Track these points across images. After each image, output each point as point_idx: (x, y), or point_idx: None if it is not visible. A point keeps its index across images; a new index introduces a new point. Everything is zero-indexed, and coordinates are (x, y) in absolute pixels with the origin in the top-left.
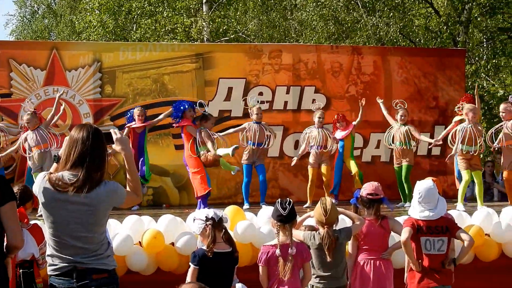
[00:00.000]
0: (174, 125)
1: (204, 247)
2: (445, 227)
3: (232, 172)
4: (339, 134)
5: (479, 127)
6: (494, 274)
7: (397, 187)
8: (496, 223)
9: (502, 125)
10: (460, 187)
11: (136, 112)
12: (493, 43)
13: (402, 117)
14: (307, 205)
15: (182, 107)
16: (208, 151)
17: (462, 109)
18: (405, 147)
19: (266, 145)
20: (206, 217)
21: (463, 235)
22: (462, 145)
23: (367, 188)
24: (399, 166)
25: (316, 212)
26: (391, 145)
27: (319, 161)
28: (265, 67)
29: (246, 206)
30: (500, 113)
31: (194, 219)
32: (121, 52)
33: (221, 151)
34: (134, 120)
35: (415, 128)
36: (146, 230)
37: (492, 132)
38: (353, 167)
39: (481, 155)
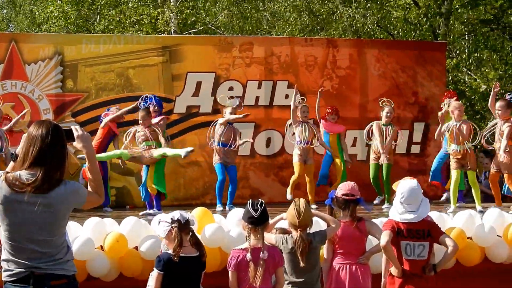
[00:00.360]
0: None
1: (170, 251)
2: (426, 231)
3: (181, 154)
4: (333, 127)
5: (470, 125)
6: (476, 278)
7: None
8: (479, 226)
9: (495, 125)
10: (451, 189)
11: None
12: (475, 35)
13: (388, 114)
14: (288, 196)
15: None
16: (150, 147)
17: (448, 105)
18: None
19: (234, 147)
20: (172, 219)
21: (447, 241)
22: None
23: (343, 189)
24: (375, 163)
25: (288, 214)
26: (367, 142)
27: (304, 157)
28: (236, 60)
29: (219, 207)
30: (496, 111)
31: (159, 222)
32: (83, 44)
33: (169, 151)
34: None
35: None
36: (108, 233)
37: (487, 133)
38: (339, 173)
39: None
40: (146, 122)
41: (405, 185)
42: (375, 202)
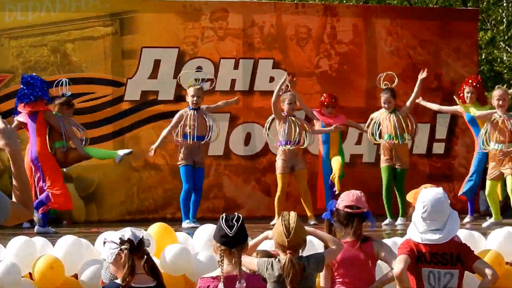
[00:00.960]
0: (22, 109)
1: (118, 281)
2: (455, 256)
3: (116, 158)
4: (330, 121)
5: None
6: None
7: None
8: None
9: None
10: (489, 197)
11: None
12: None
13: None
14: (274, 221)
15: (43, 85)
16: (70, 148)
17: (464, 95)
18: (396, 142)
19: (208, 139)
20: (120, 239)
21: (484, 268)
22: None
23: (346, 199)
24: (388, 165)
25: (275, 232)
26: (377, 140)
27: (291, 163)
28: (206, 32)
29: (187, 223)
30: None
31: (104, 242)
32: (7, 12)
33: (96, 153)
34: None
35: (409, 109)
36: (39, 257)
37: None
38: (336, 164)
39: None
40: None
41: (427, 195)
42: (384, 222)
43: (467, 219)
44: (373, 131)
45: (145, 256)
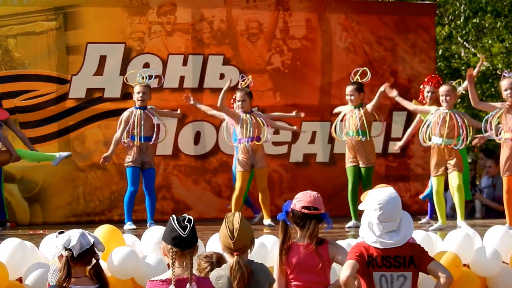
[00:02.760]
0: None
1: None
2: (408, 258)
3: (53, 162)
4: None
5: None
6: None
7: (342, 200)
8: (479, 250)
9: (501, 110)
10: (456, 198)
11: None
12: None
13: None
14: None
15: None
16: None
17: (424, 94)
18: (358, 139)
19: (156, 140)
20: (63, 244)
21: (438, 269)
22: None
23: (302, 199)
24: (353, 166)
25: (220, 235)
26: (339, 137)
27: (252, 160)
28: (153, 27)
29: (129, 225)
30: (505, 93)
31: (56, 236)
32: None
33: (30, 156)
34: None
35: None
36: None
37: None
38: None
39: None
40: None
41: (382, 195)
42: (348, 225)
43: (424, 220)
44: (335, 128)
45: (94, 262)
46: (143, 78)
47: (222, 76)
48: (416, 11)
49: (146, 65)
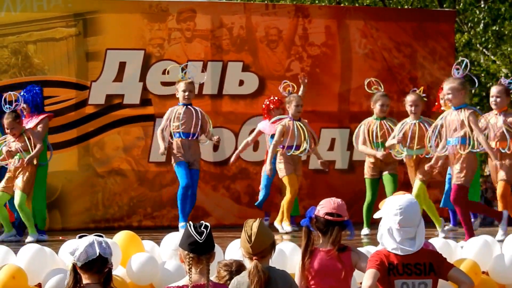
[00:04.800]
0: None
1: None
2: (428, 265)
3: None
4: (271, 128)
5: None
6: None
7: (360, 208)
8: (498, 257)
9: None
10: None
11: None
12: (493, 2)
13: (384, 107)
14: (289, 229)
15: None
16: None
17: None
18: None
19: (199, 136)
20: (74, 249)
21: (460, 276)
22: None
23: (326, 206)
24: (375, 179)
25: (241, 241)
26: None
27: (295, 167)
28: (172, 34)
29: (183, 225)
30: (492, 99)
31: (79, 238)
32: None
33: None
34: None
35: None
36: (1, 267)
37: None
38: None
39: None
40: (16, 129)
41: (401, 200)
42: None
43: (447, 227)
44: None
45: (105, 270)
46: (185, 73)
47: (241, 83)
48: (436, 18)
49: (165, 72)
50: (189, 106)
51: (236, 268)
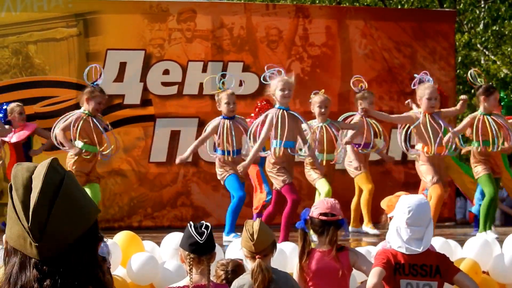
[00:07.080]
0: None
1: None
2: (434, 267)
3: None
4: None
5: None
6: None
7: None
8: (498, 257)
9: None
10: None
11: (14, 109)
12: (494, 2)
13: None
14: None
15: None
16: None
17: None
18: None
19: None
20: None
21: (465, 281)
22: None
23: (320, 207)
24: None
25: (242, 241)
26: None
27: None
28: (173, 34)
29: (233, 237)
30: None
31: None
32: None
33: None
34: (10, 123)
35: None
36: (1, 267)
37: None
38: None
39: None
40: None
41: (411, 200)
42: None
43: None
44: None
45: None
46: (223, 83)
47: (241, 83)
48: (436, 18)
49: (166, 72)
50: (234, 120)
51: (233, 267)
